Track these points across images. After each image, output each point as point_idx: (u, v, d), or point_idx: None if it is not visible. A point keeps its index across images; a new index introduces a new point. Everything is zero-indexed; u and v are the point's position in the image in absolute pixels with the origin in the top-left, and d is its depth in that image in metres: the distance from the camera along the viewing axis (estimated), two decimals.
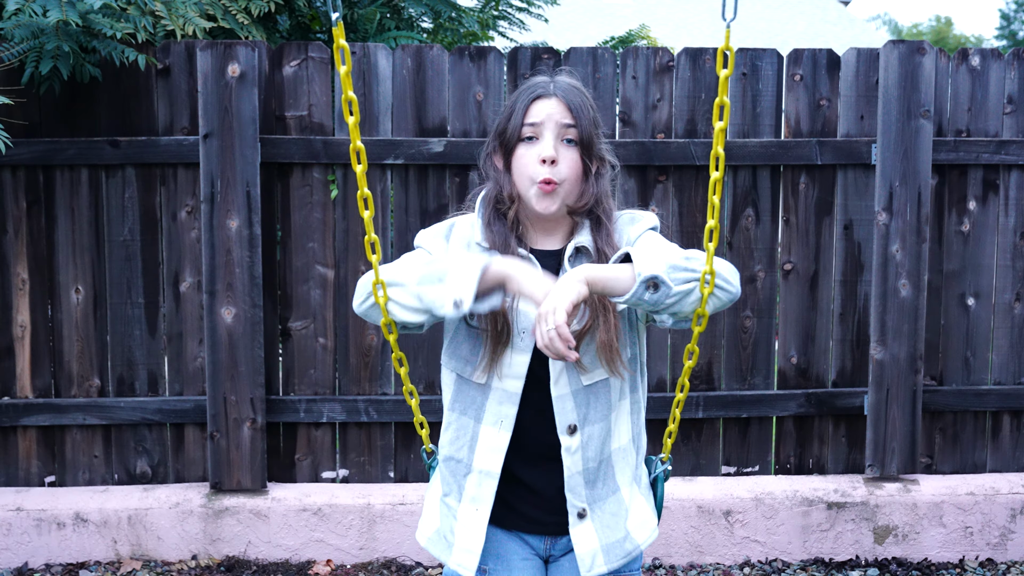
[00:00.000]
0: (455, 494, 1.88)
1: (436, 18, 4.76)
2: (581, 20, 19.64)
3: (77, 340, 3.59)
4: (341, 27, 1.59)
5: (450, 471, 1.88)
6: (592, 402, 1.82)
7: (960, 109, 3.69)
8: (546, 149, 1.79)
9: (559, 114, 1.81)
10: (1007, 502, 3.65)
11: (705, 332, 3.68)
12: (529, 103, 1.82)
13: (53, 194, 3.55)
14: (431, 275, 1.68)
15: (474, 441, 1.84)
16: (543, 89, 1.83)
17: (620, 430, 1.87)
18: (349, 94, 1.63)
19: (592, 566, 1.84)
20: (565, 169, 1.80)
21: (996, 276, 3.75)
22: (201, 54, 3.43)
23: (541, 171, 1.79)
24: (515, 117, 1.83)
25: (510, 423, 1.81)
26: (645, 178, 3.63)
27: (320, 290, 3.61)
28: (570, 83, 1.86)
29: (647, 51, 3.61)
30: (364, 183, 1.69)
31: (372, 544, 3.57)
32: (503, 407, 1.81)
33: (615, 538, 1.86)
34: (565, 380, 1.80)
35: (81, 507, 3.52)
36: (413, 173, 3.59)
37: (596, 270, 1.70)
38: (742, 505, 3.60)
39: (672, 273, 1.66)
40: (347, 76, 1.62)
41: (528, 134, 1.82)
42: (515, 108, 1.84)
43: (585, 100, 1.84)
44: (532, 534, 1.90)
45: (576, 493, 1.84)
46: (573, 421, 1.81)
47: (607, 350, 1.77)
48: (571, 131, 1.81)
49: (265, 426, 3.57)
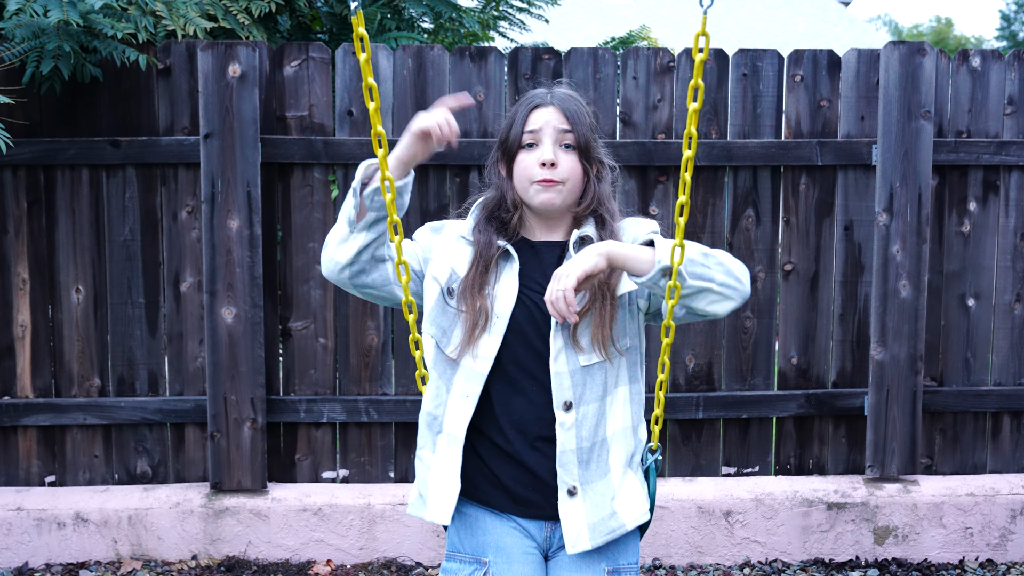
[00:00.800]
0: (429, 447, 1.97)
1: (437, 18, 4.76)
2: (582, 21, 19.65)
3: (77, 340, 3.59)
4: (360, 16, 1.66)
5: (427, 425, 1.97)
6: (588, 382, 1.88)
7: (960, 110, 3.70)
8: (545, 153, 1.90)
9: (556, 120, 1.92)
10: (1007, 503, 3.65)
11: (705, 332, 3.69)
12: (528, 112, 1.94)
13: (54, 194, 3.56)
14: (347, 197, 1.92)
15: (445, 406, 1.94)
16: (541, 99, 1.95)
17: (616, 415, 1.92)
18: (369, 80, 1.71)
19: (576, 543, 1.88)
20: (565, 171, 1.91)
21: (996, 277, 3.75)
22: (202, 54, 3.43)
23: (541, 172, 1.90)
24: (515, 126, 1.95)
25: (474, 398, 1.89)
26: (645, 178, 3.63)
27: (320, 290, 3.61)
28: (567, 93, 1.97)
29: (648, 52, 3.62)
30: (386, 167, 1.79)
31: (372, 544, 3.57)
32: (469, 384, 1.90)
33: (600, 516, 1.90)
34: (564, 358, 1.87)
35: (81, 507, 3.52)
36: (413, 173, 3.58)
37: (618, 247, 1.81)
38: (742, 506, 3.60)
39: (689, 267, 1.78)
40: (367, 63, 1.69)
41: (528, 141, 1.93)
42: (515, 118, 1.96)
43: (581, 107, 1.95)
44: (528, 518, 1.93)
45: (567, 470, 1.88)
46: (569, 398, 1.88)
47: (598, 333, 1.86)
48: (568, 136, 1.92)
49: (265, 426, 3.57)
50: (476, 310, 1.88)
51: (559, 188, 1.90)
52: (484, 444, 1.93)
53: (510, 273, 1.92)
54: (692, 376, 3.68)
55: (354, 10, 1.66)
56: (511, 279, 1.91)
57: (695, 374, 3.69)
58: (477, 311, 1.88)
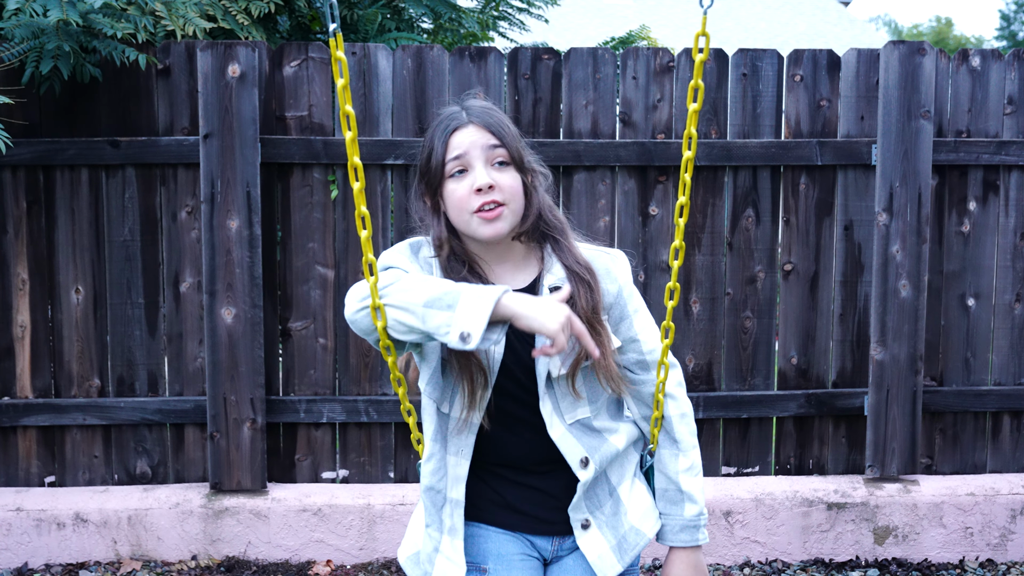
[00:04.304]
0: (435, 526, 1.86)
1: (436, 19, 4.76)
2: (581, 21, 19.64)
3: (77, 340, 3.59)
4: (340, 38, 1.52)
5: (431, 501, 1.86)
6: (588, 432, 1.84)
7: (960, 110, 3.69)
8: (480, 178, 1.72)
9: (482, 139, 1.74)
10: (1007, 503, 3.65)
11: (705, 333, 3.69)
12: (447, 137, 1.75)
13: (53, 194, 3.55)
14: (440, 300, 1.58)
15: (446, 470, 1.83)
16: (457, 120, 1.77)
17: (615, 444, 1.88)
18: (347, 108, 1.56)
19: (606, 569, 1.85)
20: (506, 190, 1.74)
21: (996, 277, 3.75)
22: (201, 54, 3.43)
23: (478, 199, 1.72)
24: (435, 155, 1.75)
25: (468, 452, 1.80)
26: (645, 179, 3.63)
27: (320, 290, 3.61)
28: (482, 106, 1.79)
29: (647, 52, 3.62)
30: (362, 201, 1.61)
31: (372, 544, 3.57)
32: (461, 437, 1.81)
33: (621, 534, 1.88)
34: (557, 421, 1.80)
35: (81, 507, 3.52)
36: (413, 173, 3.59)
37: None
38: (742, 506, 3.60)
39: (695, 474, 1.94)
40: (344, 90, 1.53)
41: (455, 168, 1.74)
42: (434, 146, 1.76)
43: (501, 117, 1.79)
44: (540, 535, 1.90)
45: (578, 508, 1.85)
46: (583, 454, 1.82)
47: (606, 372, 1.78)
48: (499, 151, 1.75)
49: (265, 426, 3.57)
50: (471, 370, 1.74)
51: (504, 213, 1.73)
52: (488, 475, 1.87)
53: None
54: (692, 376, 3.68)
55: (332, 32, 1.52)
56: None
57: (695, 374, 3.69)
58: (474, 371, 1.74)
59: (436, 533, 1.86)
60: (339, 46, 1.52)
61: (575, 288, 1.77)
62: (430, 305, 1.58)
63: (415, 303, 1.59)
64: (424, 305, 1.58)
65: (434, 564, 1.86)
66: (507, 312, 1.57)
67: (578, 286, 1.78)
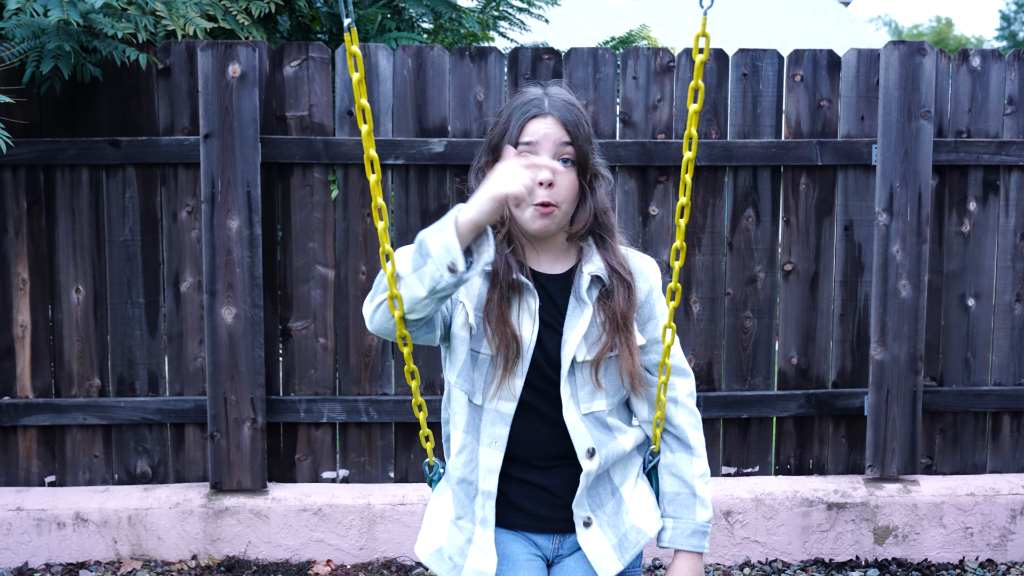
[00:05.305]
0: (468, 517, 1.87)
1: (437, 19, 4.76)
2: (582, 21, 19.65)
3: (77, 340, 3.59)
4: (355, 32, 1.53)
5: (464, 493, 1.88)
6: (599, 425, 1.86)
7: (960, 110, 3.70)
8: (543, 172, 1.73)
9: (556, 133, 1.78)
10: (1007, 503, 3.65)
11: (705, 332, 3.69)
12: (525, 122, 1.79)
13: (54, 194, 3.56)
14: (416, 256, 1.61)
15: (477, 462, 1.85)
16: (538, 108, 1.79)
17: (622, 444, 1.90)
18: (362, 102, 1.57)
19: (607, 568, 1.86)
20: (563, 191, 1.78)
21: (996, 277, 3.75)
22: (202, 54, 3.43)
23: (537, 193, 1.75)
24: (510, 135, 1.79)
25: (503, 443, 1.82)
26: (646, 179, 3.63)
27: (320, 290, 3.61)
28: (564, 100, 1.82)
29: (648, 51, 3.62)
30: (379, 193, 1.62)
31: (372, 544, 3.57)
32: (496, 428, 1.83)
33: (622, 532, 1.89)
34: (572, 407, 1.83)
35: (81, 507, 3.52)
36: (414, 173, 3.59)
37: None
38: (742, 505, 3.60)
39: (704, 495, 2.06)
40: (360, 83, 1.55)
41: (524, 152, 1.77)
42: (510, 125, 1.80)
43: (580, 116, 1.81)
44: (540, 533, 1.91)
45: (580, 504, 1.87)
46: (591, 444, 1.84)
47: (629, 374, 1.82)
48: (568, 149, 1.79)
49: (265, 426, 3.57)
50: (507, 339, 1.77)
51: (554, 213, 1.77)
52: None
53: (527, 309, 1.81)
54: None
55: (347, 27, 1.53)
56: (528, 316, 1.81)
57: (695, 374, 3.68)
58: (508, 340, 1.77)
59: (469, 524, 1.87)
60: (354, 40, 1.53)
61: (616, 288, 1.83)
62: (416, 268, 1.61)
63: (408, 275, 1.62)
64: (413, 271, 1.61)
65: (467, 556, 1.86)
66: (470, 217, 1.58)
67: (618, 286, 1.84)
